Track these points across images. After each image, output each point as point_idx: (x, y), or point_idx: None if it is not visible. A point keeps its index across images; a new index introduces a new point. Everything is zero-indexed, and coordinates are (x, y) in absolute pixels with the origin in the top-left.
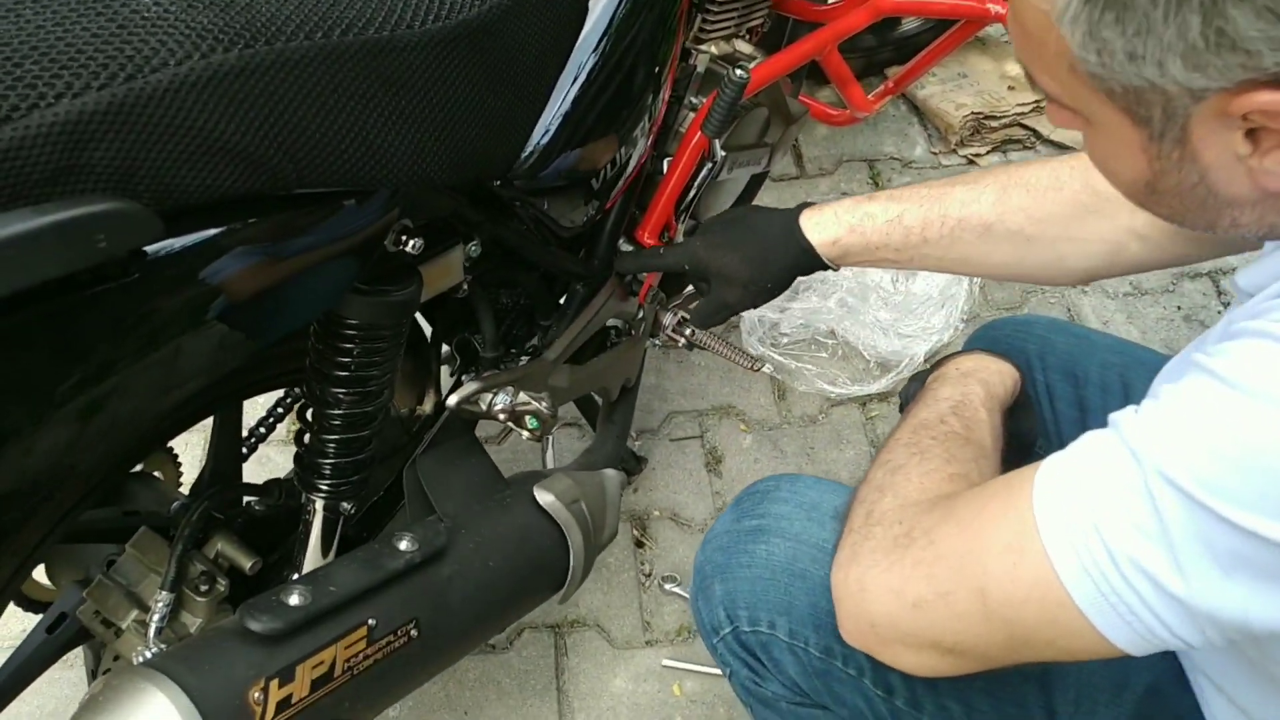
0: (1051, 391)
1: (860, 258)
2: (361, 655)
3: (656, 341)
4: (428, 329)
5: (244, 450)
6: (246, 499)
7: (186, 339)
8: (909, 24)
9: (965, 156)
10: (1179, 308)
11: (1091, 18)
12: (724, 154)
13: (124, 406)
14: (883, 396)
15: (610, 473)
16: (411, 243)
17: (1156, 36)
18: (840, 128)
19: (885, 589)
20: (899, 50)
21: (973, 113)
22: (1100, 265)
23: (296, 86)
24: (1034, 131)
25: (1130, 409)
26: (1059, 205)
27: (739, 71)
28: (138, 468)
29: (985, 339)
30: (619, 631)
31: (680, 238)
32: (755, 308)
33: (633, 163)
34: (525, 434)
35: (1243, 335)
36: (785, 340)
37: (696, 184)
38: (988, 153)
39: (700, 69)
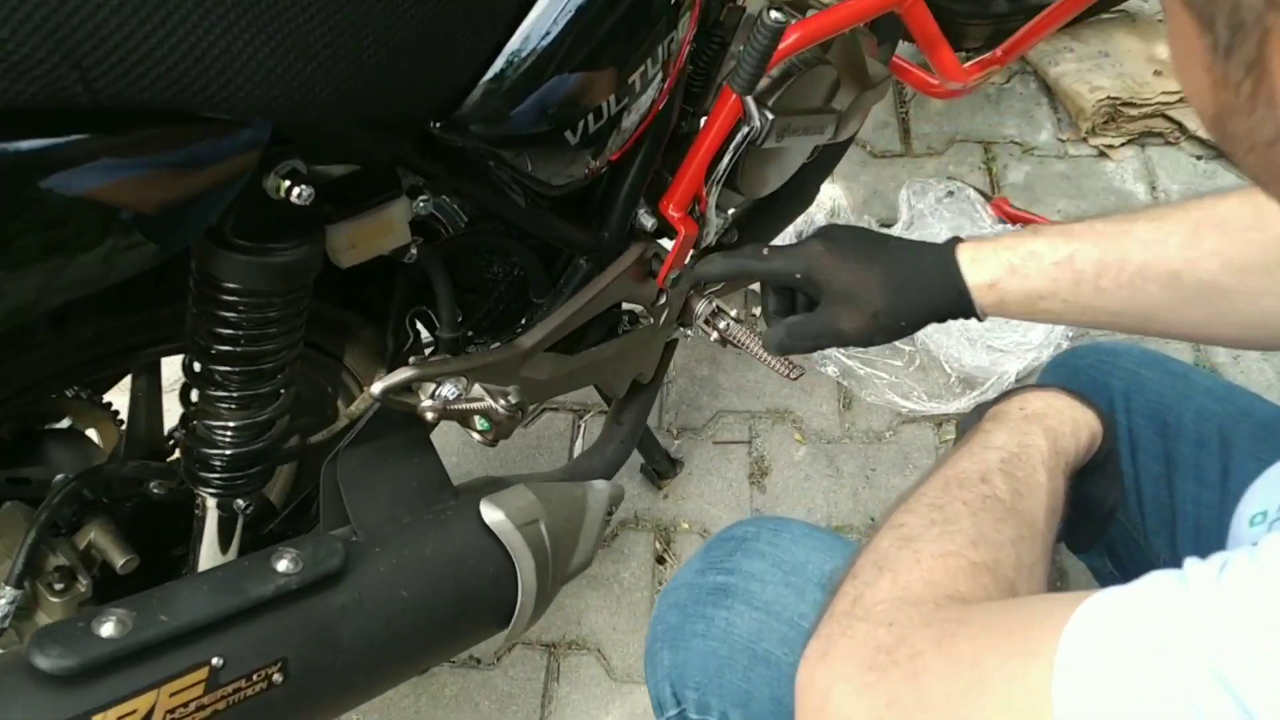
0: (1135, 439)
1: (1017, 309)
2: (195, 705)
3: (689, 333)
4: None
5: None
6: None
7: None
8: None
9: (1096, 147)
10: None
11: None
12: (770, 117)
13: None
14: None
15: (598, 485)
16: (297, 190)
17: None
18: (956, 101)
19: (849, 718)
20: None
21: (1109, 97)
22: None
23: None
24: (1178, 125)
25: (1212, 570)
26: (1262, 249)
27: (774, 14)
28: (65, 423)
29: (1064, 368)
30: (620, 660)
31: (710, 211)
32: (871, 346)
33: (638, 111)
34: (475, 436)
35: None
36: None
37: (731, 148)
38: (1122, 144)
39: (751, 9)
